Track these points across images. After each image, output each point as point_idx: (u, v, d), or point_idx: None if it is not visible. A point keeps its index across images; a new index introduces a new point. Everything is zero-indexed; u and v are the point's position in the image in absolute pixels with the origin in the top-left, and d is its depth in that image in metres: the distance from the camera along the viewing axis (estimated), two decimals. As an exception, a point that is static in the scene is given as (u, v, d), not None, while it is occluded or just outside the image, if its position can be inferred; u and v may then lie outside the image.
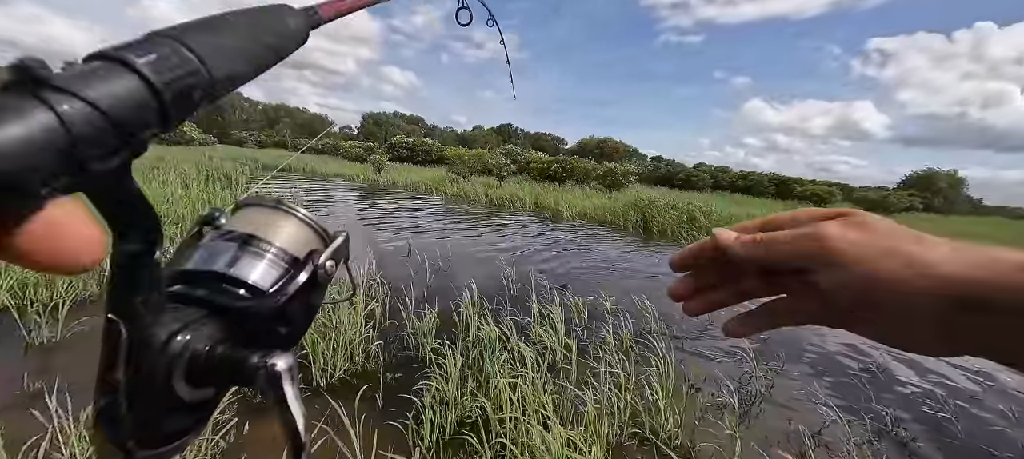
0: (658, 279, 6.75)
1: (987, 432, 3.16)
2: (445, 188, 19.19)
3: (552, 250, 8.31)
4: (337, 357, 2.91)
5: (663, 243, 10.84)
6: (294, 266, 0.25)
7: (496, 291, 5.12)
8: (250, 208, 0.25)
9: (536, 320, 3.87)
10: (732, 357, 3.92)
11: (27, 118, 0.13)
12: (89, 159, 0.14)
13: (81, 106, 0.14)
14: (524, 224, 11.72)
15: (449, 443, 2.35)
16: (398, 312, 3.78)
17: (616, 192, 22.11)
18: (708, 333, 4.52)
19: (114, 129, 0.15)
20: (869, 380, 3.81)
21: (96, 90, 0.15)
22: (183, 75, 0.18)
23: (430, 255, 6.31)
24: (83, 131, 0.14)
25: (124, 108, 0.15)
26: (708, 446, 2.52)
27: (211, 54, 0.19)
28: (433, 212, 12.57)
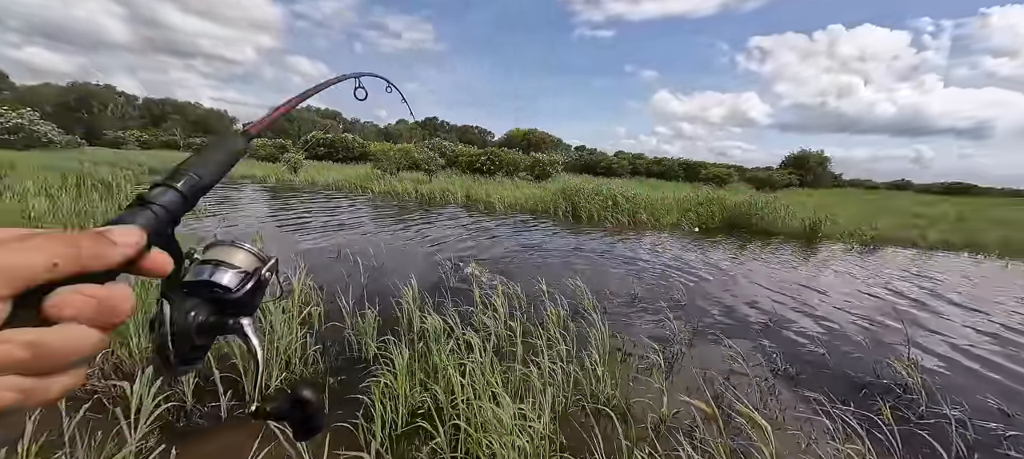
0: (589, 260, 7.21)
1: (851, 362, 3.92)
2: (372, 186, 18.35)
3: (488, 241, 8.43)
4: (271, 367, 2.74)
5: (592, 227, 11.51)
6: (246, 276, 0.40)
7: (436, 284, 5.12)
8: (216, 246, 0.42)
9: (479, 308, 3.95)
10: (657, 324, 4.36)
11: (141, 216, 0.34)
12: (163, 229, 0.35)
13: (159, 209, 0.35)
14: (458, 218, 11.69)
15: (402, 435, 2.36)
16: (336, 315, 3.63)
17: (545, 182, 22.87)
18: (635, 305, 4.96)
19: (170, 219, 0.36)
20: (764, 331, 4.49)
21: (163, 200, 0.36)
22: (194, 187, 0.39)
23: (363, 255, 6.07)
24: (161, 217, 0.35)
25: (174, 207, 0.37)
26: (641, 401, 2.81)
27: (206, 173, 0.41)
28: (362, 211, 12.00)
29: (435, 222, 10.66)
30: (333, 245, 7.14)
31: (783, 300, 5.64)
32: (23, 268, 0.24)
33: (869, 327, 4.84)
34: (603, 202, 13.36)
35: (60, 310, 0.26)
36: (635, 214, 13.17)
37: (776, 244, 10.66)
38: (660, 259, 7.76)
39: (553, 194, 14.78)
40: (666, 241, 10.01)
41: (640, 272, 6.62)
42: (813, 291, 6.23)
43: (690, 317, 4.66)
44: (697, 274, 6.78)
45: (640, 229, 11.87)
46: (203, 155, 0.43)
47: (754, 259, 8.48)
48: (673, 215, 13.61)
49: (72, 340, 0.26)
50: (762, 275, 7.05)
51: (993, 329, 5.05)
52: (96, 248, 0.28)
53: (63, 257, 0.26)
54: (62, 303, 0.26)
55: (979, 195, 55.12)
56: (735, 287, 6.14)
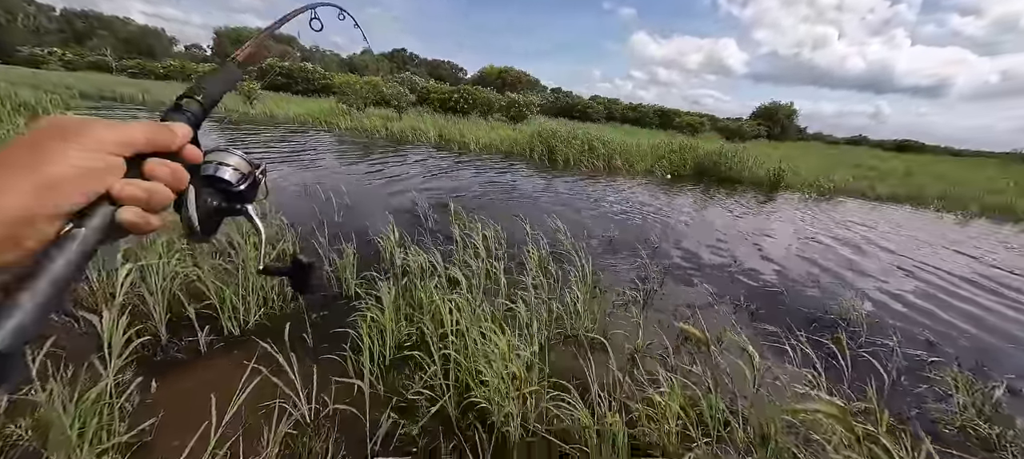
0: (566, 203, 7.26)
1: (803, 299, 4.26)
2: (338, 121, 17.30)
3: (464, 182, 8.28)
4: (248, 304, 2.66)
5: (567, 171, 11.50)
6: (243, 176, 0.51)
7: (414, 223, 5.03)
8: (215, 151, 0.50)
9: (459, 247, 3.94)
10: (632, 264, 4.53)
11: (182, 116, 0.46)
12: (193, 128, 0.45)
13: (190, 115, 0.46)
14: (431, 158, 11.34)
15: (391, 366, 2.39)
16: (311, 253, 3.51)
17: (520, 124, 22.32)
18: (611, 247, 5.11)
19: (196, 123, 0.46)
20: (728, 271, 4.77)
21: (192, 108, 0.46)
22: (209, 100, 0.48)
23: (335, 192, 5.82)
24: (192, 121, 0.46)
25: (198, 114, 0.47)
26: (618, 334, 2.97)
27: (215, 92, 0.50)
28: (330, 149, 11.38)
29: (408, 161, 10.30)
30: (299, 181, 6.79)
31: (745, 244, 5.97)
32: (134, 140, 0.37)
33: (819, 269, 5.24)
34: (580, 147, 13.28)
35: (155, 171, 0.38)
36: (610, 160, 13.22)
37: (741, 192, 11.11)
38: (634, 204, 7.93)
39: (529, 137, 14.49)
40: (640, 187, 10.19)
41: (615, 216, 6.76)
42: (771, 237, 6.62)
43: (662, 258, 4.86)
44: (668, 219, 7.01)
45: (614, 174, 11.99)
46: (211, 78, 0.51)
47: (721, 206, 8.82)
48: (647, 162, 13.77)
49: (163, 192, 0.38)
50: (728, 221, 7.38)
51: (921, 271, 5.59)
52: (168, 135, 0.40)
53: (152, 138, 0.38)
54: (157, 167, 0.38)
55: (926, 153, 58.94)
56: (703, 232, 6.41)
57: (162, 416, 1.87)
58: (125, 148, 0.36)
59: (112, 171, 0.35)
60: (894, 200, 12.74)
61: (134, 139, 0.37)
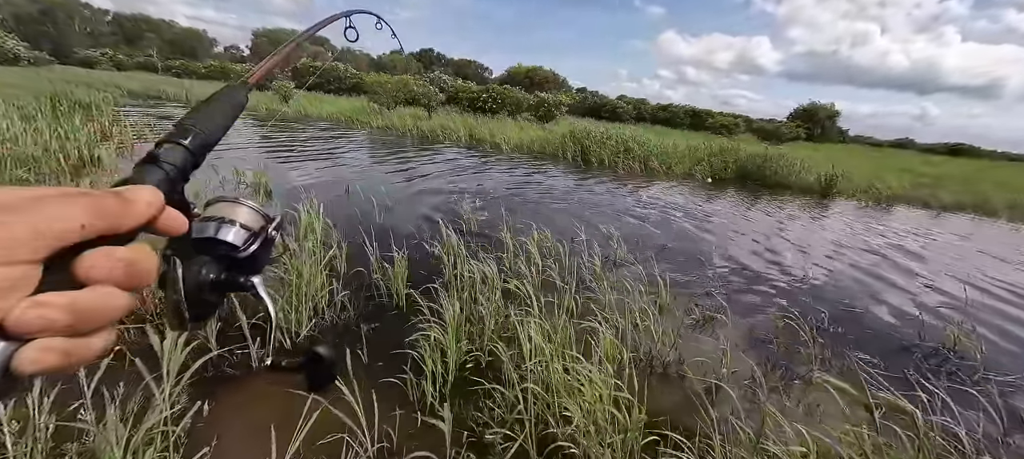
0: (609, 207, 6.92)
1: (890, 321, 3.80)
2: (370, 120, 17.45)
3: (501, 183, 8.05)
4: (301, 314, 2.49)
5: (603, 173, 11.12)
6: (252, 235, 0.39)
7: (456, 225, 4.82)
8: (218, 202, 0.40)
9: (510, 254, 3.70)
10: (692, 275, 4.17)
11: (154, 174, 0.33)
12: (174, 187, 0.34)
13: (170, 167, 0.34)
14: (464, 158, 11.18)
15: (454, 391, 2.17)
16: (358, 258, 3.34)
17: (549, 124, 21.96)
18: (666, 256, 4.75)
19: (180, 176, 0.35)
20: (799, 287, 4.33)
21: (173, 158, 0.35)
22: (199, 143, 0.38)
23: (375, 193, 5.70)
24: (172, 176, 0.34)
25: (184, 165, 0.36)
26: (700, 361, 2.64)
27: (210, 128, 0.39)
28: (364, 148, 11.40)
29: (441, 160, 10.17)
30: (339, 180, 6.72)
31: (810, 257, 5.48)
32: (55, 230, 0.24)
33: (902, 288, 4.73)
34: (615, 148, 12.85)
35: (92, 272, 0.25)
36: (647, 161, 12.75)
37: (790, 198, 10.44)
38: (680, 209, 7.50)
39: (561, 137, 14.15)
40: (681, 191, 9.71)
41: (663, 222, 6.37)
42: (837, 249, 6.08)
43: (723, 271, 4.48)
44: (720, 226, 6.56)
45: (652, 177, 11.53)
46: (207, 109, 0.41)
47: (773, 214, 8.26)
48: (685, 164, 13.21)
49: (106, 302, 0.25)
50: (784, 230, 6.86)
51: (1017, 294, 4.97)
52: (120, 209, 0.27)
53: (90, 219, 0.25)
54: (94, 265, 0.25)
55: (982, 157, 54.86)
56: (761, 242, 5.94)
57: (216, 445, 1.70)
58: (41, 246, 0.23)
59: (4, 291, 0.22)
60: (958, 209, 11.73)
61: (60, 229, 0.24)
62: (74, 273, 0.25)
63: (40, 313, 0.23)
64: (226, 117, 0.42)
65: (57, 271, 0.24)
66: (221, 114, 0.41)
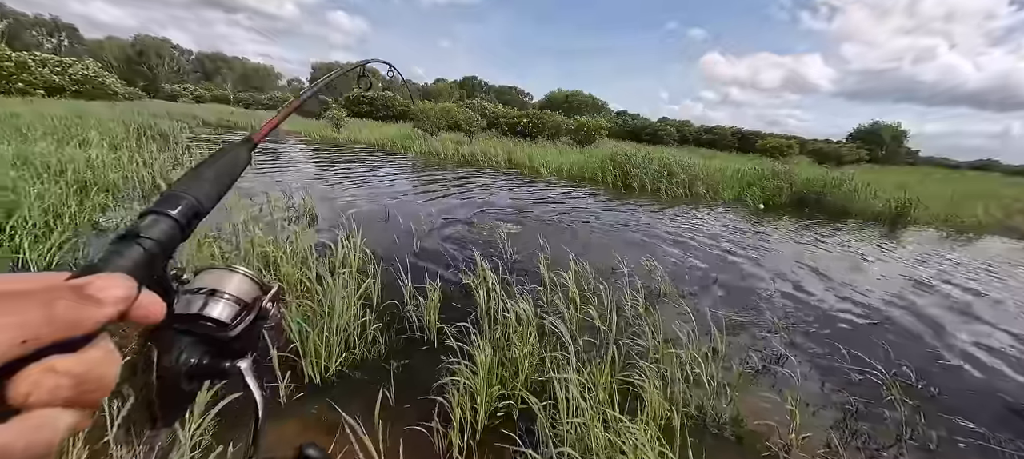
0: (652, 235, 6.58)
1: (1002, 382, 3.22)
2: (413, 145, 18.10)
3: (540, 210, 7.93)
4: (331, 347, 2.45)
5: (645, 198, 10.73)
6: (244, 307, 0.35)
7: (491, 253, 4.72)
8: (208, 271, 0.36)
9: (546, 287, 3.53)
10: (746, 316, 3.78)
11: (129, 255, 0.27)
12: (155, 266, 0.28)
13: (151, 244, 0.28)
14: (504, 183, 11.21)
15: (483, 441, 2.00)
16: (392, 287, 3.30)
17: (588, 147, 21.77)
18: (716, 293, 4.37)
19: (163, 253, 0.29)
20: (878, 334, 3.81)
21: (155, 233, 0.29)
22: (189, 212, 0.32)
23: (413, 219, 5.76)
24: (153, 253, 0.28)
25: (168, 240, 0.30)
26: (766, 425, 2.32)
27: (204, 195, 0.34)
28: (406, 172, 11.76)
29: (481, 186, 10.24)
30: (380, 205, 6.89)
31: (889, 295, 4.85)
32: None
33: (1008, 332, 4.04)
34: (657, 172, 12.42)
35: (27, 397, 0.20)
36: (692, 185, 12.20)
37: (857, 227, 9.52)
38: (729, 238, 7.00)
39: (601, 161, 13.92)
40: (729, 217, 9.13)
41: (711, 252, 5.94)
42: (922, 286, 5.37)
43: (783, 309, 4.04)
44: (778, 258, 6.02)
45: (697, 202, 10.98)
46: (201, 173, 0.36)
47: (838, 245, 7.52)
48: (734, 188, 12.52)
49: (41, 431, 0.20)
50: (855, 265, 6.19)
51: None
52: (76, 311, 0.22)
53: (34, 329, 0.20)
54: (30, 387, 0.20)
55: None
56: (828, 277, 5.37)
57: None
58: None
59: None
60: (1069, 242, 10.16)
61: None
62: (7, 397, 0.20)
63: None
64: (224, 180, 0.37)
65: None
66: (218, 178, 0.36)
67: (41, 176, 5.25)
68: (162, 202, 0.32)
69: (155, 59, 60.86)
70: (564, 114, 29.15)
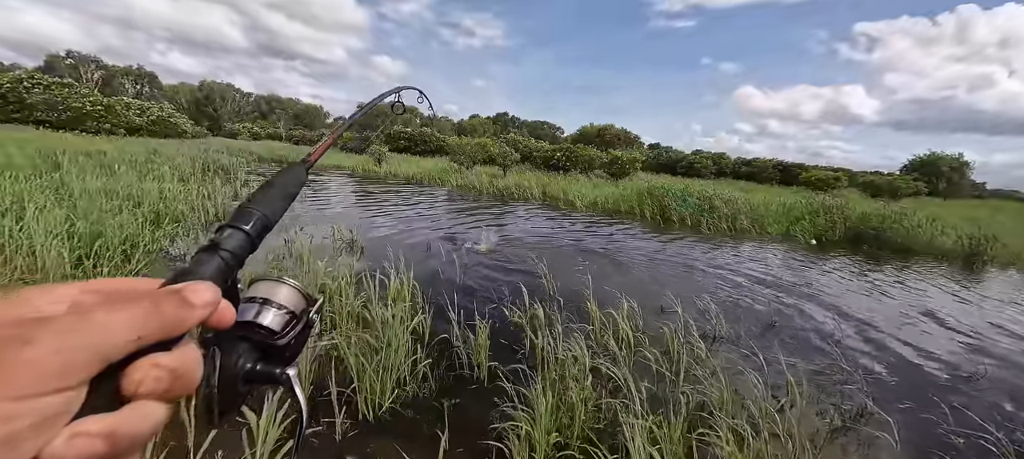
0: (698, 272, 6.30)
1: None
2: (449, 179, 18.61)
3: (578, 243, 7.84)
4: (385, 383, 2.44)
5: (685, 232, 10.39)
6: (293, 317, 0.37)
7: (536, 290, 4.65)
8: (261, 281, 0.38)
9: (595, 324, 3.41)
10: (813, 363, 3.47)
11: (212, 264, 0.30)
12: (230, 274, 0.31)
13: (228, 255, 0.31)
14: (540, 216, 11.23)
15: (541, 496, 1.89)
16: (441, 322, 3.30)
17: (623, 180, 21.60)
18: (778, 337, 4.07)
19: (237, 264, 0.32)
20: (978, 391, 3.39)
21: (232, 245, 0.32)
22: (260, 227, 0.35)
23: (454, 251, 5.82)
24: (230, 264, 0.31)
25: (242, 251, 0.33)
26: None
27: (272, 210, 0.37)
28: (444, 205, 12.04)
29: (518, 218, 10.30)
30: (422, 237, 7.03)
31: (982, 346, 4.35)
32: (107, 346, 0.21)
33: None
34: (697, 205, 12.07)
35: (138, 388, 0.23)
36: (734, 220, 11.73)
37: (924, 266, 8.75)
38: (781, 276, 6.60)
39: (637, 194, 13.72)
40: (779, 254, 8.65)
41: (764, 292, 5.60)
42: (1017, 335, 4.79)
43: (855, 357, 3.69)
44: (840, 299, 5.59)
45: (741, 237, 10.51)
46: (268, 191, 0.39)
47: (909, 285, 6.91)
48: (781, 223, 11.93)
49: (145, 420, 0.23)
50: (932, 306, 5.63)
51: None
52: (177, 313, 0.25)
53: (147, 328, 0.23)
54: (142, 380, 0.23)
55: None
56: (903, 321, 4.90)
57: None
58: (94, 367, 0.21)
59: (48, 422, 0.19)
60: None
61: (114, 345, 0.22)
62: (119, 388, 0.22)
63: (80, 446, 0.20)
64: (287, 197, 0.41)
65: (101, 387, 0.22)
66: (282, 195, 0.40)
67: (122, 208, 5.76)
68: (237, 217, 0.35)
69: (219, 101, 66.97)
70: (597, 148, 29.25)
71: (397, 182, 17.66)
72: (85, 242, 4.58)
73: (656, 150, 53.71)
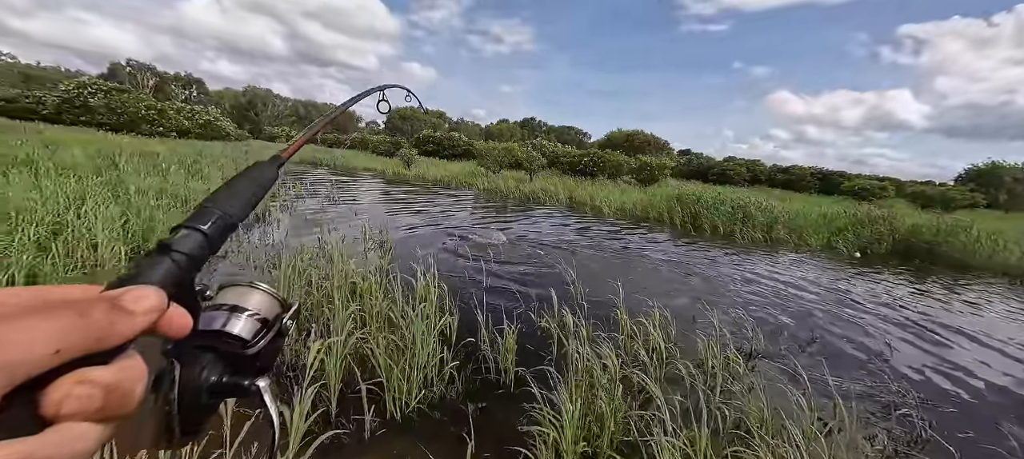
0: (736, 283, 6.05)
1: None
2: (476, 182, 18.76)
3: (606, 250, 7.71)
4: (412, 384, 2.45)
5: (717, 241, 10.03)
6: (265, 324, 0.35)
7: (563, 295, 4.58)
8: (231, 287, 0.36)
9: (625, 332, 3.32)
10: (859, 380, 3.25)
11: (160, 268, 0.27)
12: (184, 280, 0.28)
13: (181, 257, 0.29)
14: (566, 221, 11.13)
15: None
16: (468, 324, 3.30)
17: (651, 186, 21.14)
18: (821, 354, 3.85)
19: (192, 267, 0.29)
20: None
21: (186, 246, 0.29)
22: (220, 227, 0.32)
23: (480, 254, 5.83)
24: (184, 267, 0.28)
25: (198, 253, 0.30)
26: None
27: (235, 209, 0.34)
28: (470, 207, 12.14)
29: (544, 223, 10.24)
30: (451, 242, 7.09)
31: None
32: (19, 361, 0.19)
33: None
34: (730, 213, 11.65)
35: (59, 409, 0.20)
36: (771, 229, 11.24)
37: (986, 283, 8.08)
38: (825, 290, 6.24)
39: (667, 201, 13.39)
40: (820, 266, 8.20)
41: (804, 306, 5.31)
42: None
43: (909, 379, 3.43)
44: (890, 316, 5.23)
45: (778, 247, 10.05)
46: (232, 188, 0.37)
47: (971, 304, 6.40)
48: (822, 234, 11.33)
49: (71, 445, 0.20)
50: (1001, 330, 5.18)
51: None
52: (108, 323, 0.22)
53: (67, 340, 0.20)
54: (62, 399, 0.20)
55: None
56: (966, 344, 4.53)
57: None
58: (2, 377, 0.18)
59: None
60: None
61: (26, 359, 0.19)
62: (38, 408, 0.20)
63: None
64: (252, 196, 0.38)
65: (17, 406, 0.19)
66: (247, 193, 0.37)
67: (172, 206, 6.11)
68: (194, 217, 0.32)
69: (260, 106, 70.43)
70: (624, 153, 28.80)
71: (425, 184, 17.96)
72: (137, 237, 4.88)
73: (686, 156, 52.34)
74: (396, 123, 58.07)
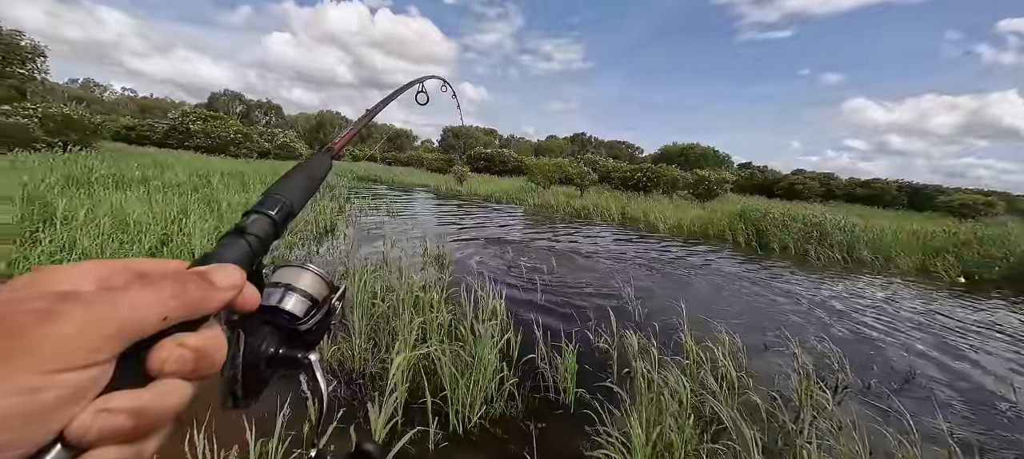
0: (814, 308, 5.53)
1: None
2: (527, 198, 18.90)
3: (665, 268, 7.39)
4: (475, 399, 2.48)
5: (788, 261, 9.25)
6: (315, 303, 0.37)
7: (623, 314, 4.43)
8: (285, 268, 0.39)
9: (691, 357, 3.14)
10: (985, 419, 2.80)
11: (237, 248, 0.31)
12: (255, 258, 0.32)
13: (254, 240, 0.32)
14: (619, 237, 10.84)
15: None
16: (524, 341, 3.29)
17: (711, 202, 20.06)
18: (912, 388, 3.39)
19: (262, 249, 0.33)
20: None
21: (257, 229, 0.33)
22: (284, 213, 0.37)
23: (534, 270, 5.83)
24: (255, 248, 0.32)
25: (267, 236, 0.34)
26: None
27: (295, 198, 0.39)
28: (522, 223, 12.22)
29: (597, 239, 10.05)
30: (504, 257, 7.16)
31: None
32: (135, 324, 0.22)
33: None
34: (803, 232, 10.71)
35: (163, 366, 0.23)
36: (851, 249, 10.18)
37: None
38: (923, 320, 5.51)
39: (729, 217, 12.60)
40: (913, 292, 7.27)
41: (899, 336, 4.70)
42: None
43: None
44: (1008, 353, 4.49)
45: (860, 270, 9.06)
46: (292, 179, 0.40)
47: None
48: (914, 255, 10.07)
49: (171, 399, 0.24)
50: None
51: None
52: (202, 294, 0.25)
53: (172, 308, 0.24)
54: (166, 358, 0.23)
55: None
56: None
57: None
58: (120, 344, 0.21)
59: (75, 396, 0.20)
60: None
61: (141, 323, 0.22)
62: (145, 367, 0.23)
63: (106, 421, 0.21)
64: (310, 186, 0.42)
65: (127, 364, 0.22)
66: (306, 183, 0.41)
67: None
68: (263, 203, 0.36)
69: (329, 128, 76.53)
70: (680, 167, 27.65)
71: (477, 199, 18.39)
72: (228, 248, 5.44)
73: (748, 169, 49.20)
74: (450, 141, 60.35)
